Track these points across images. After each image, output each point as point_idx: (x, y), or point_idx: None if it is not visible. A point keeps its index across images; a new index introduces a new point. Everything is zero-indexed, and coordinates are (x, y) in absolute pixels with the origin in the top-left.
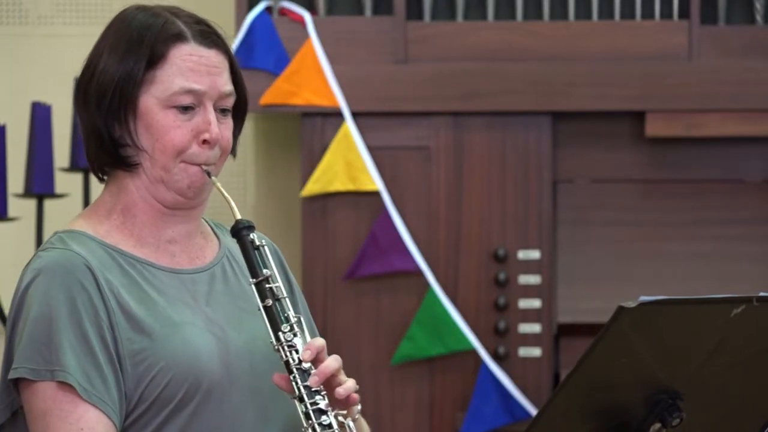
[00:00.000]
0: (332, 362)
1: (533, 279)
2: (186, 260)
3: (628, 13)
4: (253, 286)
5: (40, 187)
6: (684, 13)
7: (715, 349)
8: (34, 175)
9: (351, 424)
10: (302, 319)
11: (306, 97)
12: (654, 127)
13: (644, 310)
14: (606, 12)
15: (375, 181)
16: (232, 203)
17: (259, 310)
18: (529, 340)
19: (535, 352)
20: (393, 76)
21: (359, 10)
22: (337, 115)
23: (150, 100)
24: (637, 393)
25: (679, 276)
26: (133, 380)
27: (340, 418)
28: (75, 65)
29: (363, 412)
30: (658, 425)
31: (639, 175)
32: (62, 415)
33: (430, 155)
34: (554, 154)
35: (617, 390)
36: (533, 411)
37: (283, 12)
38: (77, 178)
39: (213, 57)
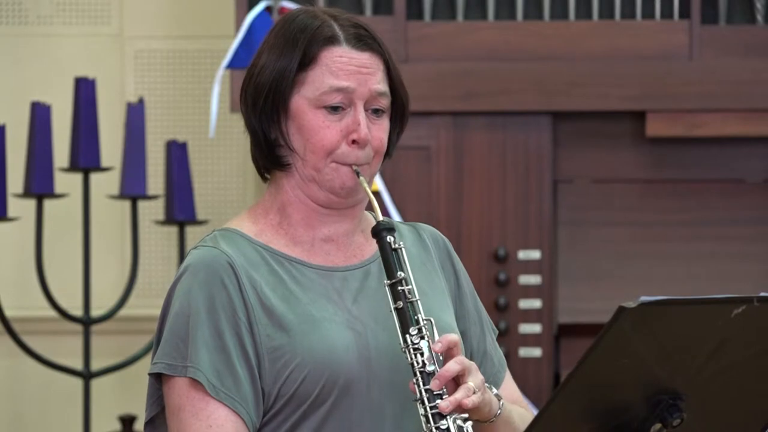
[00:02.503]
0: (453, 365)
1: (533, 279)
2: (341, 258)
3: (628, 12)
4: (387, 288)
5: (39, 187)
6: (684, 13)
7: (715, 349)
8: (34, 175)
9: (470, 428)
10: (464, 314)
11: None
12: (654, 127)
13: (645, 311)
14: (606, 12)
15: (375, 181)
16: (375, 204)
17: (391, 312)
18: (530, 340)
19: (536, 352)
20: None
21: (359, 10)
22: None
23: (301, 101)
24: (638, 393)
25: (680, 276)
26: (271, 376)
27: (459, 422)
28: (75, 65)
29: None
30: (658, 425)
31: (639, 175)
32: (194, 411)
33: (430, 155)
34: (554, 154)
35: (618, 390)
36: (534, 411)
37: (284, 12)
38: (77, 178)
39: (365, 59)
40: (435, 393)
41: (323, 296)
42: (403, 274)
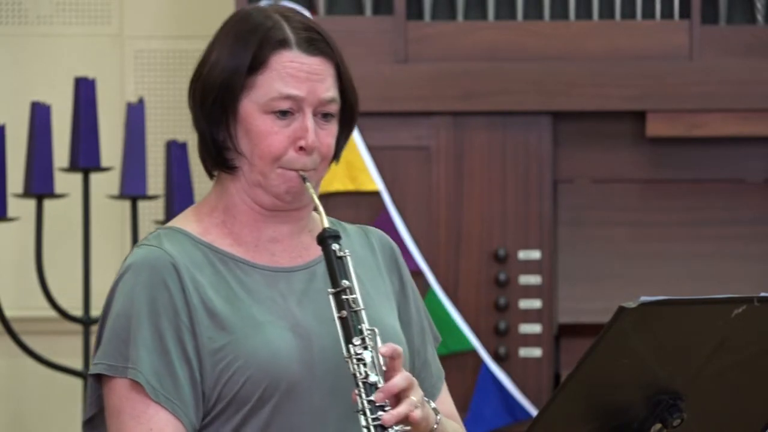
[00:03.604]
0: (400, 381)
1: (533, 279)
2: (286, 259)
3: (628, 12)
4: (331, 297)
5: (39, 187)
6: (685, 13)
7: (715, 349)
8: (34, 175)
9: None
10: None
11: None
12: (654, 127)
13: (645, 311)
14: (606, 12)
15: (375, 181)
16: (322, 210)
17: (333, 315)
18: (530, 340)
19: (536, 352)
20: (393, 76)
21: (359, 10)
22: None
23: (250, 105)
24: (638, 393)
25: (680, 276)
26: (212, 378)
27: None
28: (75, 65)
29: None
30: (658, 426)
31: (639, 175)
32: (134, 414)
33: (430, 155)
34: (555, 154)
35: (618, 390)
36: (534, 411)
37: None
38: (77, 178)
39: (315, 64)
40: (377, 405)
41: (267, 298)
42: (347, 283)
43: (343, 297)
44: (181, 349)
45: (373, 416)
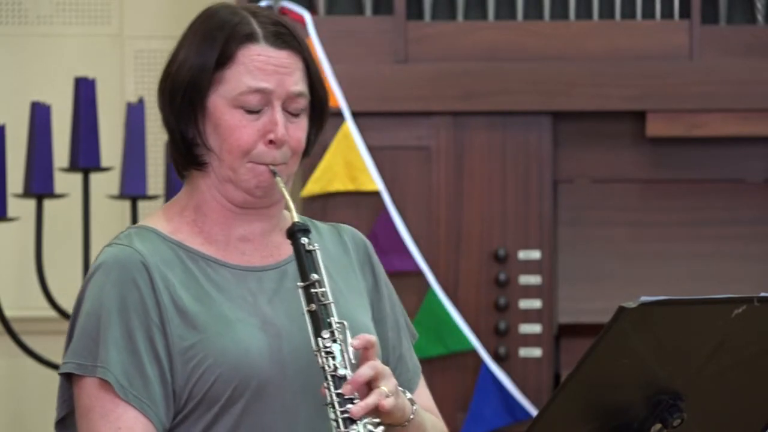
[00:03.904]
0: (366, 370)
1: (534, 279)
2: (257, 258)
3: (628, 12)
4: (300, 290)
5: (39, 187)
6: (685, 13)
7: (715, 349)
8: (34, 175)
9: None
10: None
11: None
12: (655, 127)
13: (645, 311)
14: (606, 12)
15: (375, 181)
16: (291, 205)
17: (304, 314)
18: (530, 340)
19: (536, 352)
20: (393, 76)
21: (359, 10)
22: (337, 114)
23: (218, 100)
24: (638, 393)
25: (680, 276)
26: (183, 377)
27: (370, 427)
28: (74, 65)
29: None
30: (658, 426)
31: (639, 175)
32: (103, 413)
33: (430, 155)
34: (554, 154)
35: (618, 390)
36: (534, 411)
37: (283, 11)
38: (77, 178)
39: (283, 58)
40: (346, 398)
41: (238, 297)
42: (316, 277)
43: (312, 290)
44: (151, 347)
45: (342, 409)
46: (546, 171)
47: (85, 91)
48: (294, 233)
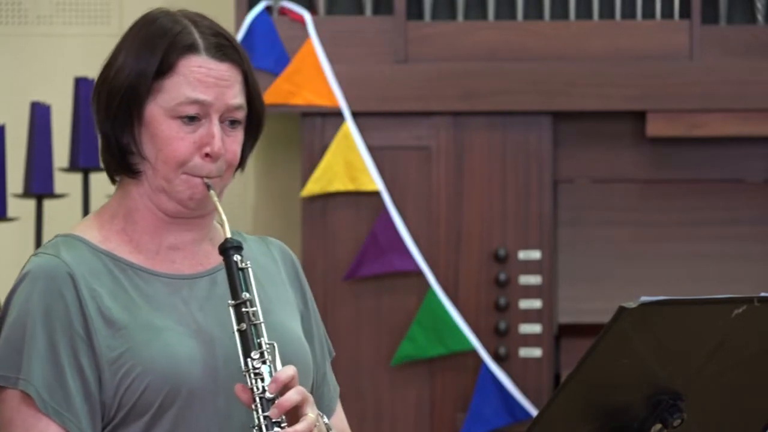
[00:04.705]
0: (294, 395)
1: (534, 279)
2: (187, 266)
3: (628, 12)
4: (231, 309)
5: (39, 187)
6: (685, 13)
7: (715, 349)
8: (34, 175)
9: None
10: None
11: (306, 97)
12: (655, 127)
13: (645, 311)
14: (607, 12)
15: (375, 181)
16: (224, 218)
17: (234, 333)
18: (530, 340)
19: (536, 352)
20: (393, 76)
21: (359, 10)
22: (337, 115)
23: (156, 109)
24: (638, 393)
25: (680, 276)
26: (112, 387)
27: None
28: (74, 65)
29: (363, 413)
30: (658, 426)
31: (639, 175)
32: (24, 427)
33: (430, 155)
34: (554, 154)
35: (618, 391)
36: (534, 411)
37: (283, 12)
38: (76, 178)
39: (224, 70)
40: (273, 421)
41: (167, 305)
42: (248, 296)
43: (243, 310)
44: (74, 360)
45: None
46: (546, 171)
47: (85, 91)
48: (226, 249)
